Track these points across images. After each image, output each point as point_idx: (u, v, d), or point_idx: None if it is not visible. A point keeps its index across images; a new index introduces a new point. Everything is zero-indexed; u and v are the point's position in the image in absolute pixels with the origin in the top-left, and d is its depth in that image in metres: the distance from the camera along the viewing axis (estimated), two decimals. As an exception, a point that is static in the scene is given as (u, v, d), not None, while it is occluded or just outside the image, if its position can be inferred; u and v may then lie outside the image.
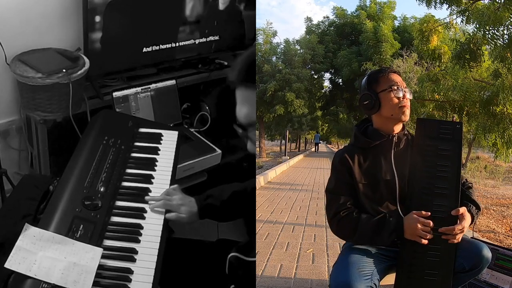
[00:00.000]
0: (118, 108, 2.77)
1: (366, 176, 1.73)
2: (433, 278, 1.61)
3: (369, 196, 1.72)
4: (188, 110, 3.22)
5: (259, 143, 24.41)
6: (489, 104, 5.36)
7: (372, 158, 1.76)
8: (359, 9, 25.84)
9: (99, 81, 2.81)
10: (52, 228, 1.63)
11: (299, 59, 24.53)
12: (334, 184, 1.75)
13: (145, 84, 2.91)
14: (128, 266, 1.61)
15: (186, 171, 2.63)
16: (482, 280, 2.27)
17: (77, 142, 2.13)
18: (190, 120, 3.19)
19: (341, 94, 27.13)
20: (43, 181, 1.94)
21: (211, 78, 3.29)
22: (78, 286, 1.47)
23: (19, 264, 1.48)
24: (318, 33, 26.36)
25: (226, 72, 3.34)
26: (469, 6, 5.05)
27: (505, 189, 9.74)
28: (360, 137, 1.79)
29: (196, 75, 3.25)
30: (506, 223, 5.71)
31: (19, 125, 2.67)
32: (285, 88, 23.32)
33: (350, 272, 1.50)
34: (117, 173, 2.00)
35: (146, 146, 2.26)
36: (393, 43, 21.74)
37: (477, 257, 1.62)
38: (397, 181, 1.71)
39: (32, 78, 2.34)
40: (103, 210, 1.78)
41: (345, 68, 23.36)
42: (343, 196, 1.71)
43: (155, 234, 1.79)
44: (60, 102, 2.43)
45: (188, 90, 3.19)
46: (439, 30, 5.87)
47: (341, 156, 1.77)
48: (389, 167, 1.73)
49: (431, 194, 1.65)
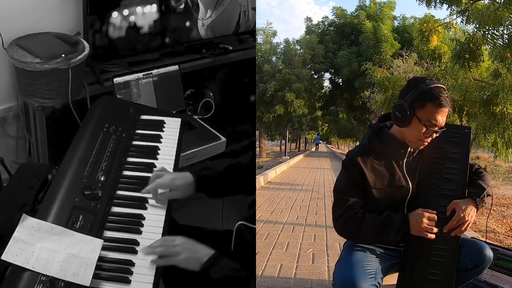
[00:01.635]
0: (119, 95, 2.75)
1: (379, 181, 1.73)
2: (435, 278, 1.64)
3: (382, 201, 1.72)
4: (191, 97, 3.20)
5: (259, 143, 25.19)
6: (489, 104, 5.42)
7: (385, 164, 1.76)
8: (358, 9, 26.17)
9: (99, 66, 2.79)
10: (51, 218, 1.62)
11: (299, 59, 24.95)
12: (344, 184, 1.75)
13: (147, 70, 2.89)
14: (129, 258, 1.60)
15: (190, 160, 2.61)
16: (482, 280, 2.30)
17: (77, 129, 2.11)
18: (194, 106, 3.17)
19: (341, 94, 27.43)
20: (41, 170, 1.92)
21: (216, 63, 3.27)
22: (77, 278, 1.45)
23: (16, 256, 1.46)
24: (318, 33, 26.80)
25: (231, 57, 3.31)
26: (469, 6, 5.11)
27: (505, 189, 9.90)
28: (375, 141, 1.79)
29: (200, 60, 3.23)
30: (506, 223, 5.79)
31: (17, 112, 2.66)
32: (285, 88, 23.75)
33: (355, 270, 1.52)
34: (118, 162, 1.99)
35: (148, 134, 2.24)
36: (393, 43, 22.01)
37: (479, 256, 1.67)
38: (410, 187, 1.74)
39: (30, 64, 2.33)
40: (103, 200, 1.76)
41: (345, 68, 23.72)
42: (352, 197, 1.71)
43: (157, 224, 1.77)
44: (59, 88, 2.42)
45: (192, 75, 3.16)
46: (439, 30, 5.94)
47: (353, 157, 1.76)
48: (402, 174, 1.75)
49: (437, 195, 1.69)
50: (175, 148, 2.20)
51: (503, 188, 9.95)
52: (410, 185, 1.74)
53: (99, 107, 2.27)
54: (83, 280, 1.45)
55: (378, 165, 1.75)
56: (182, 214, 2.69)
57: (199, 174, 1.92)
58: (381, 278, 1.59)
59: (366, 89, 17.53)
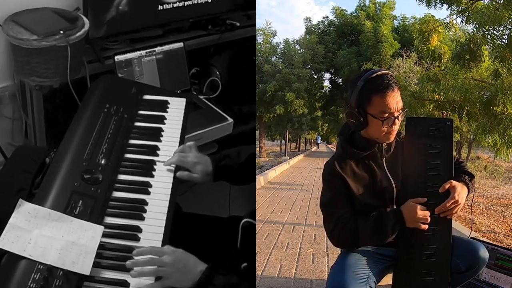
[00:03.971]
0: (121, 73, 2.73)
1: (362, 186, 1.75)
2: (430, 278, 1.68)
3: (369, 205, 1.74)
4: (197, 75, 3.18)
5: (259, 143, 26.13)
6: (489, 104, 5.53)
7: (365, 167, 1.78)
8: (358, 9, 27.18)
9: (99, 43, 2.76)
10: (49, 204, 1.60)
11: (299, 59, 25.80)
12: (329, 197, 1.77)
13: (150, 47, 2.87)
14: (131, 245, 1.58)
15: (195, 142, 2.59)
16: (482, 280, 2.36)
17: (76, 110, 2.09)
18: (199, 86, 3.16)
19: (341, 94, 28.28)
20: (38, 153, 1.90)
21: (222, 41, 3.22)
22: (76, 267, 1.44)
23: (12, 243, 1.45)
24: (318, 33, 27.87)
25: (238, 33, 3.27)
26: (469, 6, 5.25)
27: (505, 189, 10.16)
28: (348, 149, 1.79)
29: (206, 37, 3.18)
30: (506, 223, 5.96)
31: (13, 92, 2.65)
32: (285, 88, 24.58)
33: (346, 275, 1.56)
34: (120, 144, 1.97)
35: (151, 115, 2.22)
36: (392, 43, 22.89)
37: (473, 257, 1.68)
38: (394, 186, 1.76)
39: (27, 41, 2.30)
40: (104, 185, 1.75)
41: (345, 68, 24.65)
42: (340, 208, 1.73)
43: (160, 210, 1.76)
44: (57, 67, 2.40)
45: (197, 53, 3.13)
46: (439, 30, 6.10)
47: (332, 168, 1.77)
48: (383, 174, 1.77)
49: (424, 194, 1.69)
50: (180, 130, 2.19)
51: (503, 188, 10.24)
52: (393, 184, 1.76)
53: (99, 87, 2.24)
54: (83, 268, 1.44)
55: (357, 170, 1.77)
56: (187, 199, 2.68)
57: (218, 163, 1.94)
58: (374, 282, 1.63)
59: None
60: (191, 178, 1.90)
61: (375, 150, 1.76)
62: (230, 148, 2.03)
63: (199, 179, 1.92)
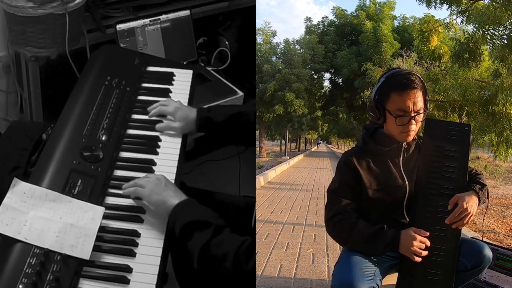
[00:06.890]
0: (123, 43, 2.73)
1: (376, 181, 1.84)
2: (435, 278, 1.75)
3: (380, 200, 1.83)
4: (204, 46, 3.17)
5: (259, 143, 27.23)
6: (489, 104, 5.84)
7: (381, 164, 1.87)
8: (358, 9, 27.80)
9: (100, 11, 2.75)
10: (46, 183, 1.60)
11: (299, 59, 26.58)
12: (338, 185, 1.86)
13: (154, 15, 2.86)
14: (134, 227, 1.58)
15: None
16: (482, 280, 2.44)
17: (75, 83, 2.07)
18: (207, 57, 3.14)
19: (341, 94, 29.16)
20: (34, 129, 1.90)
21: (231, 8, 3.20)
22: (75, 251, 1.43)
23: (6, 225, 1.44)
24: (318, 33, 28.65)
25: (249, 0, 3.21)
26: (469, 6, 5.49)
27: (505, 189, 10.49)
28: (369, 142, 1.90)
29: (214, 4, 3.16)
30: (506, 223, 6.16)
31: (7, 63, 2.65)
32: (285, 88, 25.43)
33: (353, 272, 1.61)
34: (122, 119, 1.96)
35: (155, 88, 2.20)
36: (392, 43, 23.49)
37: (478, 256, 1.77)
38: (407, 186, 1.85)
39: (22, 8, 2.30)
40: (105, 162, 1.74)
41: (345, 68, 25.36)
42: (345, 199, 1.82)
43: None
44: (54, 36, 2.39)
45: (205, 21, 3.10)
46: (439, 30, 6.37)
47: (348, 158, 1.88)
48: (399, 173, 1.87)
49: (437, 194, 1.79)
50: (186, 104, 2.15)
51: (503, 188, 10.56)
52: (407, 184, 1.84)
53: (100, 58, 2.23)
54: (82, 252, 1.43)
55: (373, 165, 1.86)
56: (195, 176, 2.67)
57: (203, 114, 1.98)
58: (379, 279, 1.69)
59: (366, 89, 19.23)
60: (170, 127, 1.95)
61: (394, 148, 1.87)
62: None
63: (179, 128, 1.95)
